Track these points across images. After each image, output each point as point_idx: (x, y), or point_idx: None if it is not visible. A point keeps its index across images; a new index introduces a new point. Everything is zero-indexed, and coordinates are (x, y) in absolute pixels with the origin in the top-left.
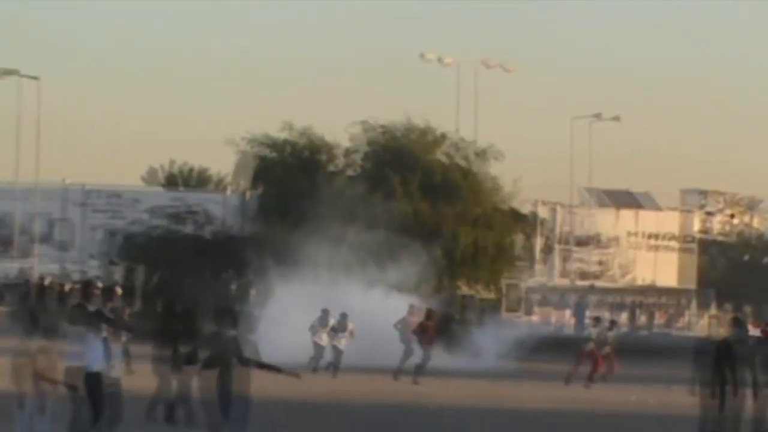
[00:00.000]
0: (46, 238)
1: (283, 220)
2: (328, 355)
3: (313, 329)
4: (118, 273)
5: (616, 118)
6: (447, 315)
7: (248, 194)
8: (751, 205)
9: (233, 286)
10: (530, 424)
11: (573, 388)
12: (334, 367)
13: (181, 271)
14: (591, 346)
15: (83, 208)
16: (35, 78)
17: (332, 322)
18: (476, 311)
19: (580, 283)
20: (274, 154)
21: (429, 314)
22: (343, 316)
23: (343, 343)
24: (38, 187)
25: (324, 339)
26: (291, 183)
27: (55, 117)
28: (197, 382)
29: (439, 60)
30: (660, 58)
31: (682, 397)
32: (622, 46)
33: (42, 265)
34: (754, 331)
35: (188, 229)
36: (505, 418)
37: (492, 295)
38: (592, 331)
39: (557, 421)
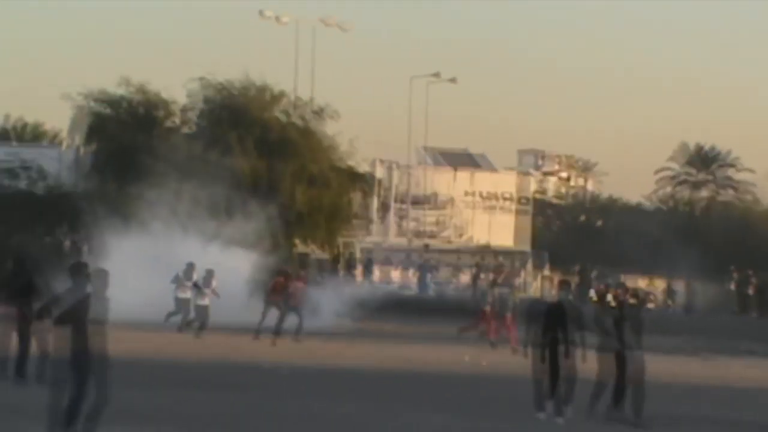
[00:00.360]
0: None
1: (118, 176)
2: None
3: (178, 282)
4: None
5: (453, 80)
6: (284, 272)
7: (82, 150)
8: (586, 168)
9: (66, 242)
10: (358, 381)
11: (411, 349)
12: (201, 325)
13: (13, 227)
14: (488, 307)
15: None
16: None
17: (195, 277)
18: (313, 270)
19: (416, 243)
20: (109, 110)
21: (282, 272)
22: (209, 273)
23: (206, 300)
24: None
25: (188, 293)
26: (126, 139)
27: None
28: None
29: (277, 18)
30: (497, 20)
31: (512, 358)
32: (462, 7)
33: None
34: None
35: (21, 184)
36: (333, 377)
37: (326, 254)
38: (490, 292)
39: (384, 379)
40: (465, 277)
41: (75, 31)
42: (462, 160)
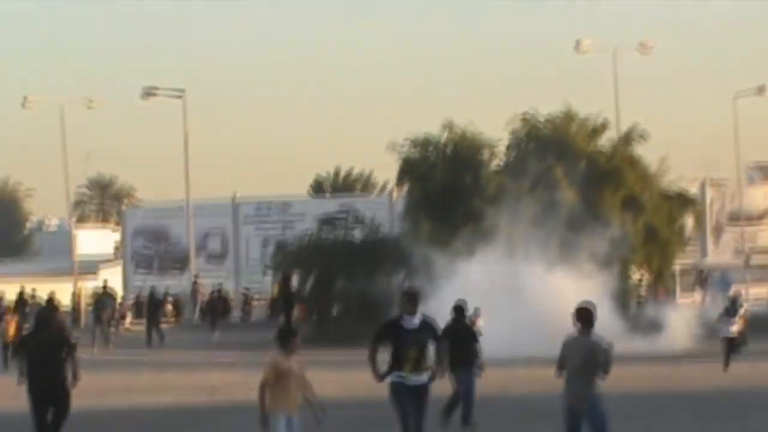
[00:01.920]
0: (219, 255)
1: (444, 217)
2: None
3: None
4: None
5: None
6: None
7: (403, 194)
8: None
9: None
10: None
11: None
12: None
13: (335, 273)
14: None
15: (255, 222)
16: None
17: None
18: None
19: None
20: (434, 154)
21: None
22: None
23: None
24: (209, 203)
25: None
26: (450, 181)
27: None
28: None
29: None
30: None
31: None
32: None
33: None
34: None
35: (356, 233)
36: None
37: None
38: None
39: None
40: None
41: (399, 78)
42: None
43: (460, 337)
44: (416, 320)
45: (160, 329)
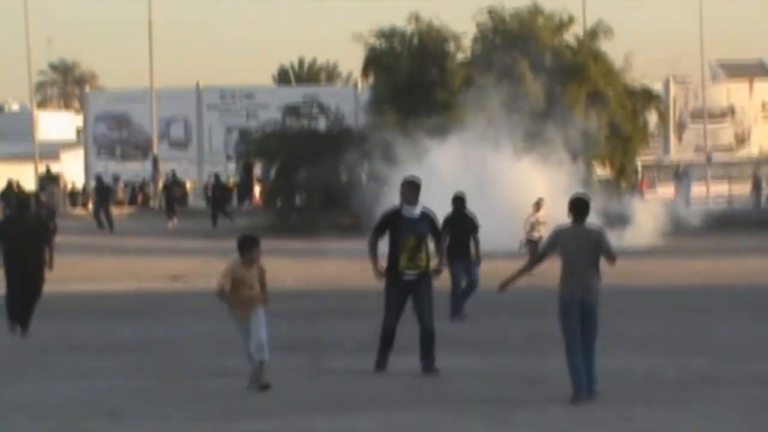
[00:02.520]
0: (182, 142)
1: (407, 109)
2: None
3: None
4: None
5: None
6: None
7: (367, 85)
8: None
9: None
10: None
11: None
12: None
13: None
14: None
15: (219, 110)
16: None
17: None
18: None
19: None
20: (398, 47)
21: None
22: None
23: None
24: (172, 90)
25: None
26: (415, 73)
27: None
28: None
29: None
30: None
31: None
32: None
33: (178, 167)
34: None
35: (319, 124)
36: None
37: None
38: None
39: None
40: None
41: None
42: (756, 71)
43: (462, 228)
44: (416, 211)
45: (109, 215)
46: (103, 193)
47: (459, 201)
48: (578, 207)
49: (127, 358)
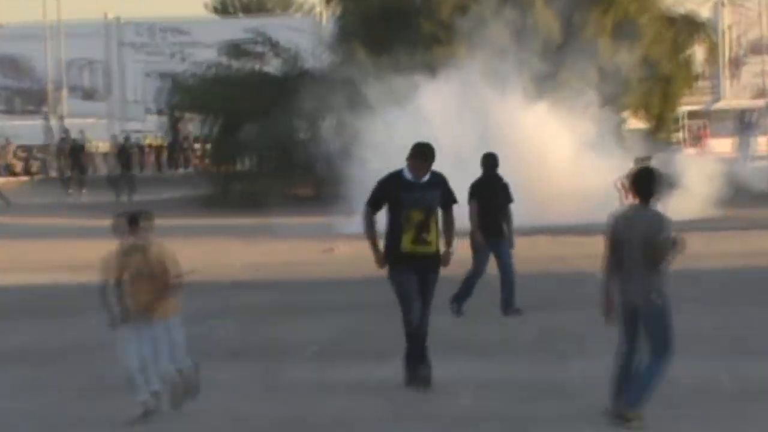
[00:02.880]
0: (89, 92)
1: (389, 46)
2: None
3: None
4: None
5: None
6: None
7: (324, 17)
8: None
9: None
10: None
11: None
12: None
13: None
14: None
15: (138, 50)
16: None
17: None
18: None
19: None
20: None
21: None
22: None
23: None
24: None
25: None
26: (396, 0)
27: None
28: None
29: None
30: None
31: None
32: None
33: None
34: None
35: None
36: None
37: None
38: None
39: None
40: None
41: None
42: None
43: (494, 198)
44: (425, 177)
45: None
46: None
47: (491, 160)
48: (644, 182)
49: (22, 369)
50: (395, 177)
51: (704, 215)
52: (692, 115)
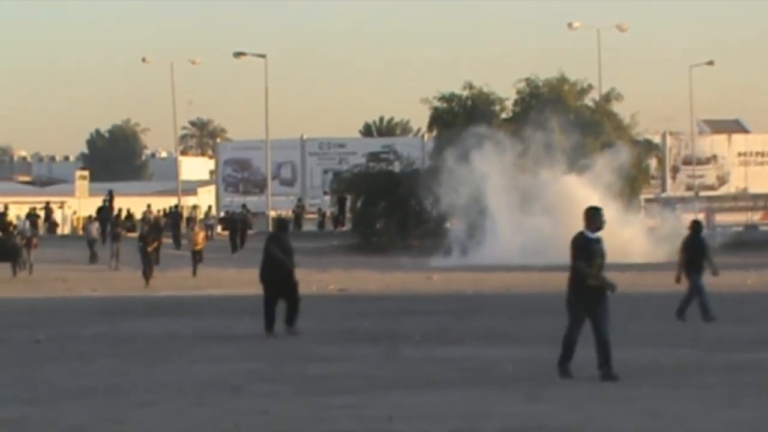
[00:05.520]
0: (289, 181)
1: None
2: None
3: None
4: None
5: (711, 62)
6: None
7: (427, 137)
8: None
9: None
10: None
11: None
12: None
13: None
14: None
15: (318, 156)
16: (262, 56)
17: None
18: None
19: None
20: (456, 108)
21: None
22: None
23: None
24: (282, 141)
25: None
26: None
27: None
28: None
29: (569, 25)
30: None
31: None
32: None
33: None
34: None
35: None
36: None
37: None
38: None
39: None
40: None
41: (429, 47)
42: (733, 127)
43: (697, 249)
44: (596, 234)
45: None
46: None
47: (698, 225)
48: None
49: (246, 346)
50: (583, 235)
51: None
52: (648, 200)
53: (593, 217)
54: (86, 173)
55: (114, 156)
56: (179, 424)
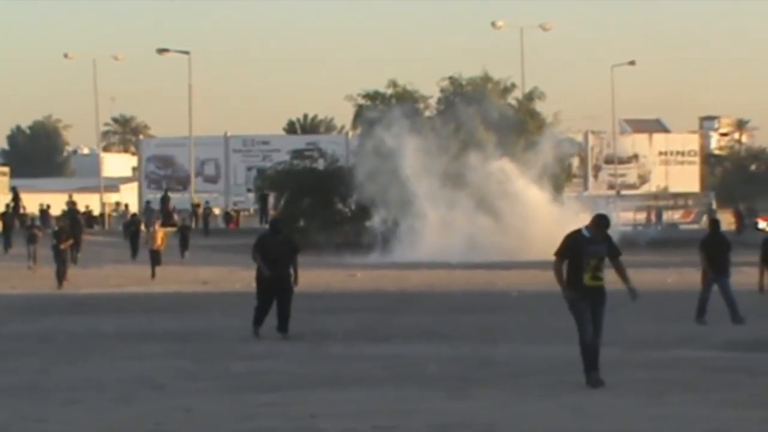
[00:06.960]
0: (213, 178)
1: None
2: None
3: None
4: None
5: (633, 62)
6: None
7: (351, 135)
8: (740, 125)
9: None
10: None
11: None
12: None
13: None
14: None
15: (242, 153)
16: (186, 53)
17: None
18: None
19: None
20: (380, 106)
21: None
22: None
23: None
24: (205, 138)
25: None
26: (392, 126)
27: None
28: None
29: (493, 24)
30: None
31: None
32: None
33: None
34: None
35: (318, 165)
36: None
37: None
38: None
39: None
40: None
41: (354, 45)
42: (654, 126)
43: (718, 248)
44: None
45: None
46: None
47: (716, 224)
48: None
49: (171, 344)
50: (578, 233)
51: None
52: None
53: (598, 222)
54: (6, 169)
55: (35, 152)
56: (101, 423)
